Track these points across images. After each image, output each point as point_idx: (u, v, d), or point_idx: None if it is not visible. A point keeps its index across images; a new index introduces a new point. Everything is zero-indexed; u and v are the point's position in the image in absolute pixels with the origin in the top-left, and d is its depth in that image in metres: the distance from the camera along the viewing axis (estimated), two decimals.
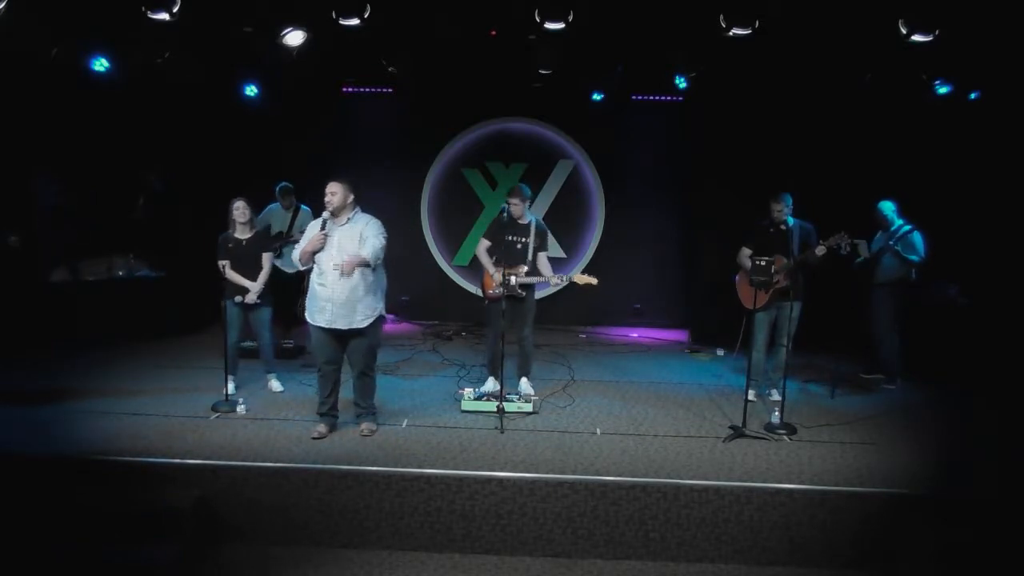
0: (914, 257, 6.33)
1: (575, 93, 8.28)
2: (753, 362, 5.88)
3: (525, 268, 5.76)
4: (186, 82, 6.87)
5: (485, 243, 6.00)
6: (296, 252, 5.07)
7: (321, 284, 4.93)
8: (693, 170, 8.53)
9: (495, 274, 5.79)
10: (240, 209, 5.75)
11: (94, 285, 7.66)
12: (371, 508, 4.54)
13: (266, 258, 5.87)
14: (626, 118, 8.78)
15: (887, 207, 6.51)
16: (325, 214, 4.97)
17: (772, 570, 4.45)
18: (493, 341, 5.95)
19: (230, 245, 5.77)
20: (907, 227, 6.42)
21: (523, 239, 5.83)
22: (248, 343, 6.29)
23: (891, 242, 6.41)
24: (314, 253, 4.95)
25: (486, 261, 5.94)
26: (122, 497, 4.45)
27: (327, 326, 4.95)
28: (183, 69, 6.52)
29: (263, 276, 5.81)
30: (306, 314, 5.07)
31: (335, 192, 4.95)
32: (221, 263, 5.74)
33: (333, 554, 4.50)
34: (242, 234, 5.80)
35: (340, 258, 4.88)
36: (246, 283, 5.74)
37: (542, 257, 5.89)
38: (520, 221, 5.86)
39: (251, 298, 5.73)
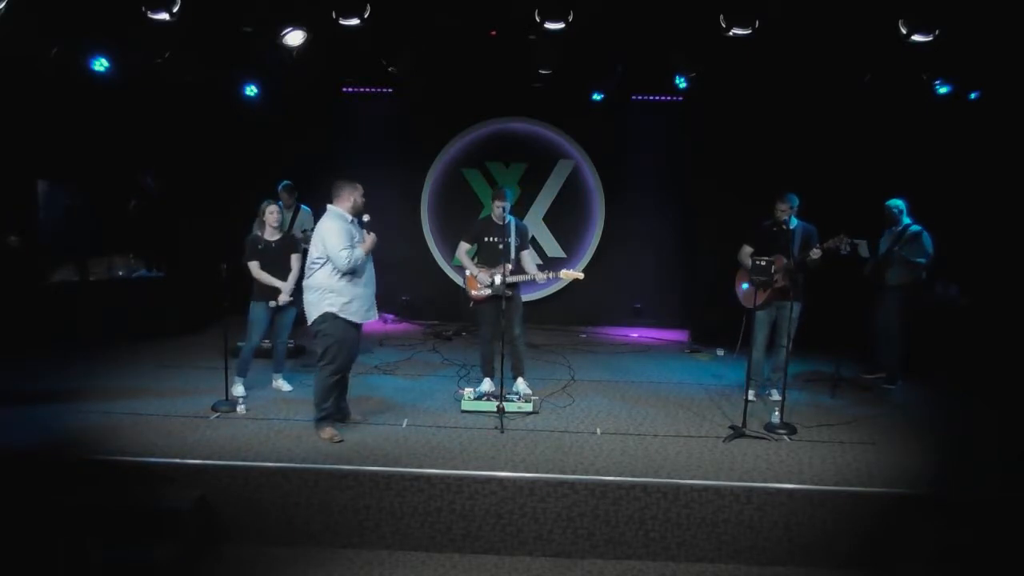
0: (922, 259, 6.32)
1: (575, 93, 8.28)
2: (753, 362, 5.88)
3: (509, 267, 5.76)
4: (186, 82, 6.88)
5: (465, 246, 6.05)
6: (359, 252, 4.88)
7: (367, 284, 5.04)
8: (693, 170, 8.54)
9: (479, 275, 5.83)
10: (274, 213, 5.85)
11: (94, 285, 7.66)
12: (371, 508, 4.54)
13: (295, 259, 5.93)
14: (626, 118, 8.78)
15: (897, 204, 6.49)
16: (366, 217, 5.03)
17: (772, 570, 4.45)
18: (486, 342, 5.99)
19: (260, 247, 5.83)
20: (915, 227, 6.40)
21: (505, 239, 5.85)
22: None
23: (896, 247, 6.40)
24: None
25: (467, 263, 5.99)
26: (122, 497, 4.44)
27: (373, 320, 5.19)
28: (183, 69, 6.52)
29: (293, 276, 5.88)
30: (352, 316, 4.94)
31: None
32: (251, 264, 5.79)
33: (333, 554, 4.50)
34: (272, 236, 5.89)
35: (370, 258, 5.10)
36: (277, 283, 5.81)
37: (526, 256, 5.91)
38: (500, 223, 5.88)
39: (283, 299, 5.82)
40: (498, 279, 5.69)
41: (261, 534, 4.56)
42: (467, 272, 6.01)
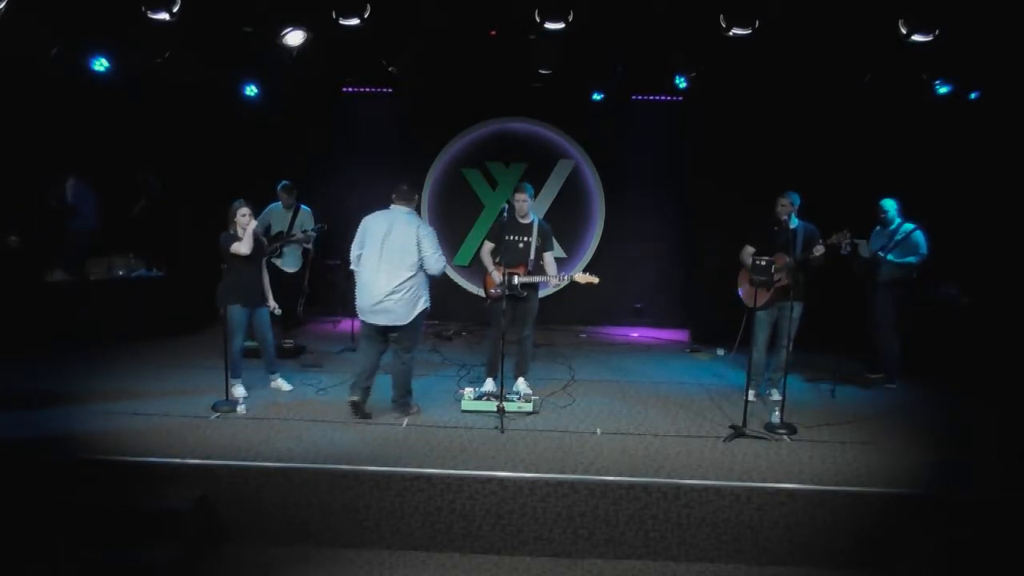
0: (912, 259, 6.32)
1: (575, 93, 8.28)
2: (754, 361, 5.87)
3: (526, 267, 5.76)
4: (186, 82, 6.88)
5: (488, 245, 6.03)
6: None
7: None
8: (693, 170, 8.54)
9: (494, 274, 5.82)
10: (247, 216, 5.75)
11: (94, 285, 7.66)
12: (371, 508, 4.54)
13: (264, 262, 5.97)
14: (626, 118, 8.78)
15: (889, 204, 6.51)
16: None
17: (772, 570, 4.45)
18: (493, 342, 5.95)
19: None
20: (908, 225, 6.40)
21: (525, 238, 5.84)
22: (248, 342, 6.28)
23: (888, 244, 6.40)
24: None
25: (488, 262, 5.96)
26: (122, 497, 4.44)
27: None
28: (183, 69, 6.53)
29: (267, 281, 5.95)
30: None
31: None
32: (237, 244, 5.61)
33: (333, 554, 4.50)
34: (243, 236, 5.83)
35: None
36: (268, 290, 5.92)
37: (548, 257, 5.91)
38: (522, 220, 5.87)
39: (274, 306, 5.93)
40: (515, 279, 5.68)
41: (261, 534, 4.56)
42: (486, 270, 5.98)
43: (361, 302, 5.38)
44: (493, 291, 5.89)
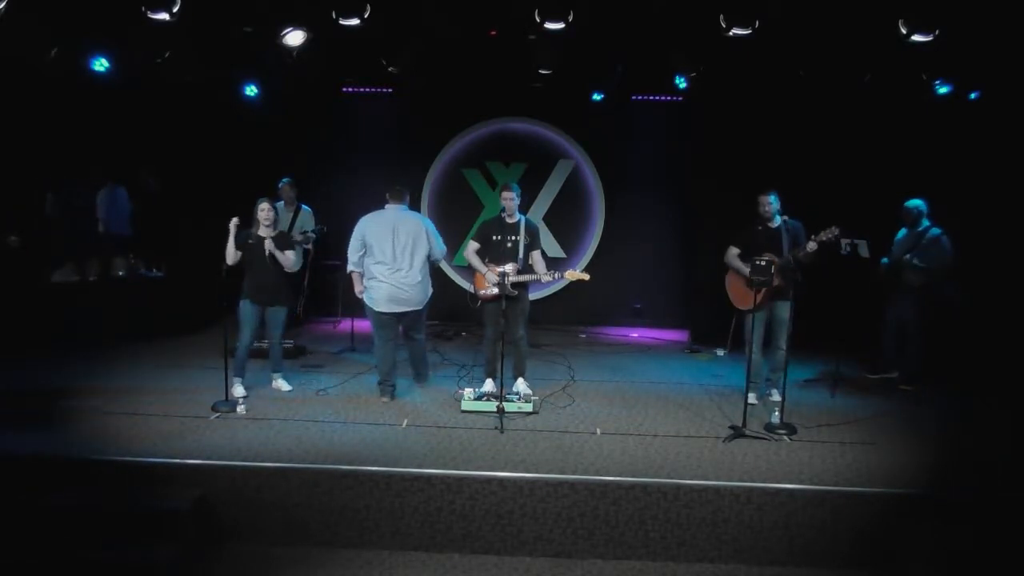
0: (938, 264, 6.32)
1: (575, 93, 8.29)
2: (752, 362, 5.84)
3: (516, 266, 5.75)
4: (186, 82, 6.88)
5: (474, 245, 6.00)
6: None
7: None
8: (693, 170, 8.53)
9: (487, 274, 5.81)
10: (265, 211, 5.78)
11: (94, 285, 7.66)
12: (371, 508, 4.54)
13: (289, 253, 5.92)
14: (626, 118, 8.79)
15: (917, 205, 6.43)
16: None
17: (772, 570, 4.45)
18: (491, 343, 5.96)
19: (250, 241, 5.77)
20: (934, 231, 6.35)
21: (513, 238, 5.83)
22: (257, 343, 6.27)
23: (909, 255, 6.37)
24: None
25: (476, 263, 5.94)
26: (121, 497, 4.44)
27: None
28: (183, 69, 6.53)
29: (292, 253, 5.96)
30: None
31: None
32: (231, 251, 5.65)
33: (333, 554, 4.50)
34: (265, 233, 5.84)
35: None
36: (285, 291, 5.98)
37: (536, 256, 5.88)
38: (509, 220, 5.87)
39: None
40: (506, 278, 5.67)
41: (261, 534, 4.56)
42: (475, 271, 5.97)
43: (378, 295, 5.73)
44: (483, 292, 5.89)
